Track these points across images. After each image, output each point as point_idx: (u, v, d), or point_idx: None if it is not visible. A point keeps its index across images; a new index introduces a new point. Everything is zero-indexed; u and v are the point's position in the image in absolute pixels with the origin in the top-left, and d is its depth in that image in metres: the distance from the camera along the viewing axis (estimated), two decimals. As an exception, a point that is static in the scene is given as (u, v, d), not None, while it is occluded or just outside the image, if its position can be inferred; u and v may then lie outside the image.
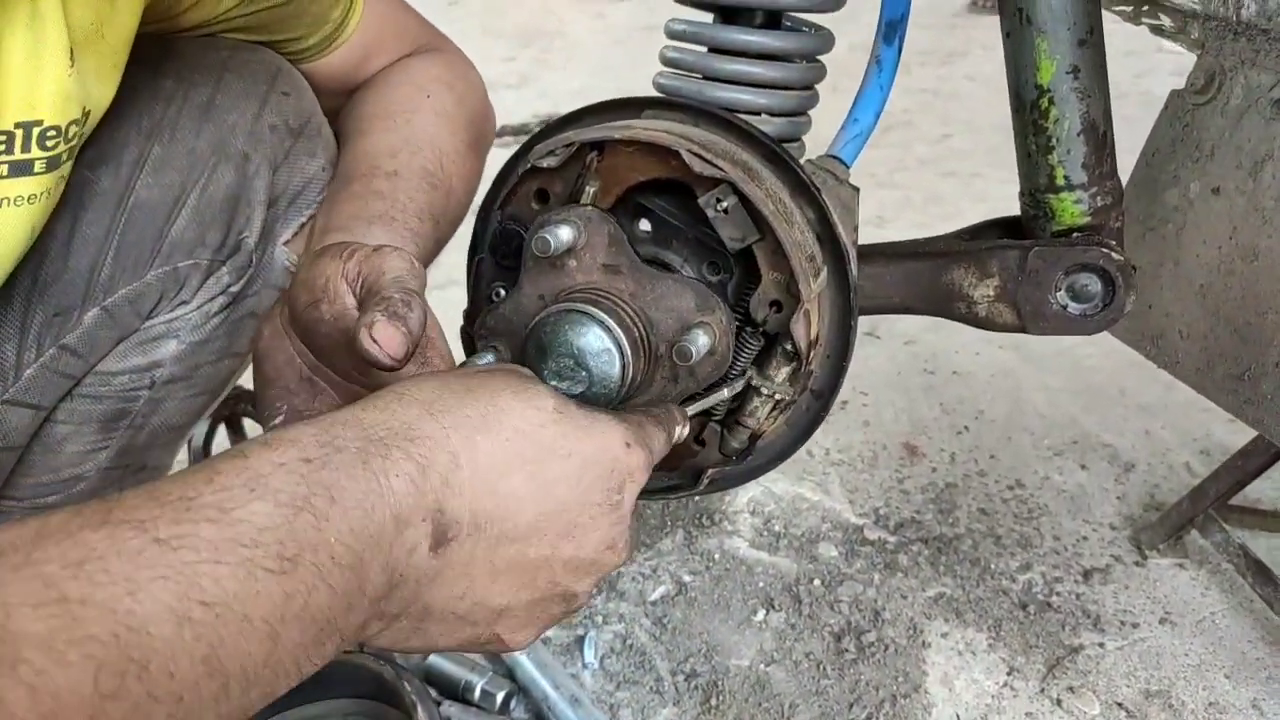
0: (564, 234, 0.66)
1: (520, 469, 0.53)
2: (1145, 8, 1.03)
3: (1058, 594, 1.40)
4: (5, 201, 0.70)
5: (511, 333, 0.72)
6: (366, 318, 0.58)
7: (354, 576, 0.45)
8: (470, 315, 0.77)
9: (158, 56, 0.83)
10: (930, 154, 3.15)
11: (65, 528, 0.40)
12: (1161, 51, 3.67)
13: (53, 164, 0.71)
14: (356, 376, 0.67)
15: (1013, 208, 0.92)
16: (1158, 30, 1.04)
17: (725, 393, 0.73)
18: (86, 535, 0.39)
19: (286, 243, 0.90)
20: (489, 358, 0.72)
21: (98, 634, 0.37)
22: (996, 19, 0.83)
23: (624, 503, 0.57)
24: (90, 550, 0.39)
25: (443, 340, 0.68)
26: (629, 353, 0.67)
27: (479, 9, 5.48)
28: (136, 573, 0.38)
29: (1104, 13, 0.85)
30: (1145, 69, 3.41)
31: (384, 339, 0.57)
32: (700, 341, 0.66)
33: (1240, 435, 1.66)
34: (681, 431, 0.68)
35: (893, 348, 2.04)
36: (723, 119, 0.76)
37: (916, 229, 2.52)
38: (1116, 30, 1.19)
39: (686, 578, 1.44)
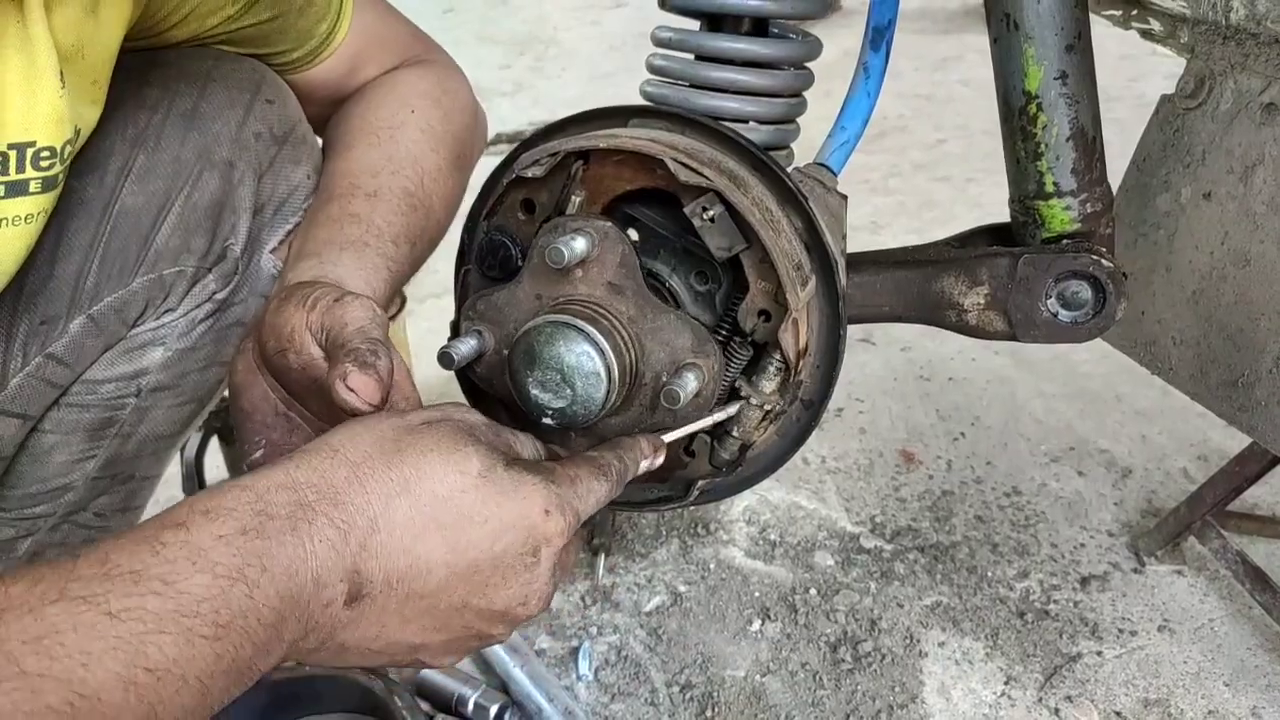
0: (579, 246, 0.66)
1: (435, 533, 0.56)
2: (1135, 12, 1.02)
3: (1055, 602, 1.39)
4: (3, 221, 0.70)
5: (499, 322, 0.72)
6: (339, 370, 0.62)
7: (274, 631, 0.51)
8: (456, 329, 0.77)
9: (143, 65, 0.83)
10: (924, 159, 3.15)
11: (26, 600, 0.44)
12: (1155, 55, 3.67)
13: (49, 184, 0.72)
14: (328, 415, 0.68)
15: (1007, 213, 0.91)
16: (1147, 35, 1.04)
17: (706, 422, 0.73)
18: (46, 610, 0.44)
19: (273, 250, 0.89)
20: (471, 342, 0.72)
21: (54, 704, 0.42)
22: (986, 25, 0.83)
23: (539, 564, 0.60)
24: (49, 625, 0.44)
25: (408, 382, 0.69)
26: (616, 379, 0.66)
27: (474, 17, 5.49)
28: (90, 645, 0.44)
29: (1094, 18, 0.85)
30: (1139, 73, 3.42)
31: (359, 386, 0.61)
32: (689, 386, 0.66)
33: (1237, 440, 1.65)
34: (652, 463, 0.70)
35: (888, 354, 2.03)
36: (709, 127, 0.76)
37: (911, 234, 2.52)
38: (1110, 34, 1.19)
39: (682, 588, 1.43)
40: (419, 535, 0.56)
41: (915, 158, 3.15)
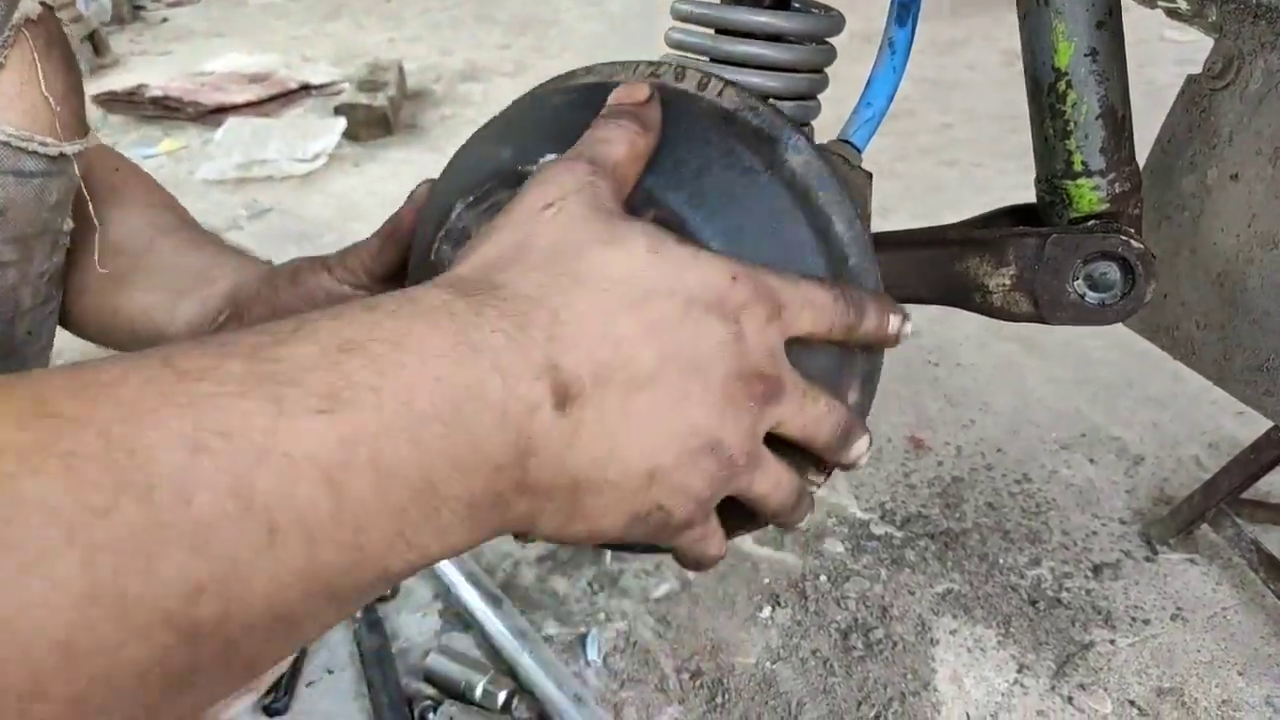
0: None
1: (628, 313, 0.47)
2: (1161, -10, 1.00)
3: (1067, 590, 1.38)
4: None
5: None
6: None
7: (452, 432, 0.39)
8: None
9: None
10: (932, 143, 3.13)
11: (85, 364, 0.35)
12: (1164, 40, 3.65)
13: None
14: None
15: (1015, 197, 0.90)
16: (1173, 14, 1.01)
17: None
18: (104, 365, 0.35)
19: None
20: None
21: (86, 450, 0.32)
22: (995, 9, 0.81)
23: (744, 334, 0.50)
24: (101, 374, 0.35)
25: None
26: None
27: (474, -2, 5.44)
28: (143, 400, 0.34)
29: (1121, -5, 0.83)
30: (1148, 58, 3.39)
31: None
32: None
33: (1249, 428, 1.64)
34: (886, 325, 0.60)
35: (896, 340, 2.01)
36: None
37: (918, 218, 2.50)
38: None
39: (690, 574, 1.42)
40: (611, 317, 0.47)
41: (922, 142, 3.13)
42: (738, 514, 0.57)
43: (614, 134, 0.55)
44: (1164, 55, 3.43)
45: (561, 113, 0.65)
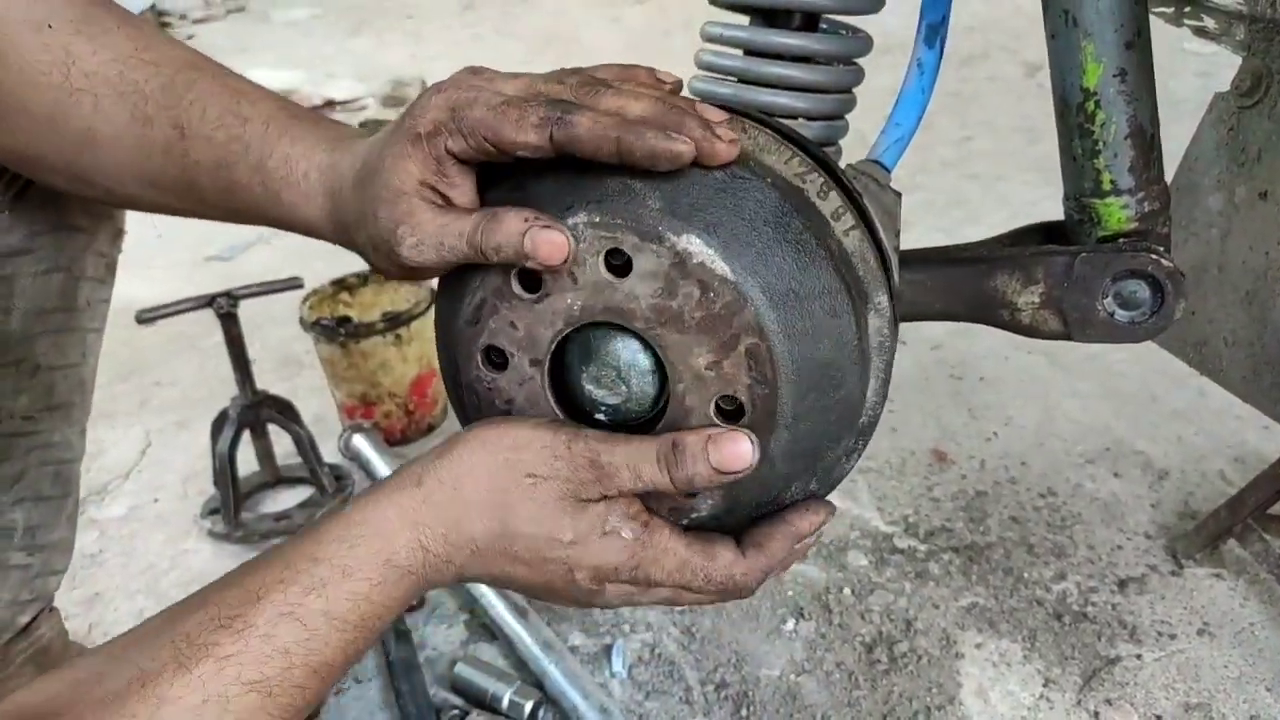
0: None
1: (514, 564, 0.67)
2: (1187, 9, 1.01)
3: (1093, 604, 1.38)
4: None
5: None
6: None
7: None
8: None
9: None
10: (952, 156, 3.13)
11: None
12: (1184, 53, 3.64)
13: None
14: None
15: (1036, 210, 0.91)
16: (1200, 32, 1.02)
17: None
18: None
19: None
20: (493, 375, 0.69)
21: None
22: (1012, 22, 0.82)
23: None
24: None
25: None
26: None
27: (495, 13, 5.49)
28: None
29: (1148, 14, 0.84)
30: (1168, 69, 3.38)
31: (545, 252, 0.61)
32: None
33: (1275, 443, 1.64)
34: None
35: (919, 353, 2.02)
36: (761, 122, 0.75)
37: (939, 232, 2.50)
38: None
39: (714, 586, 1.43)
40: (503, 561, 0.65)
41: (943, 155, 3.13)
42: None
43: (644, 467, 0.63)
44: (1184, 67, 3.42)
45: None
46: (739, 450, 0.62)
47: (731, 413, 0.64)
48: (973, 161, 3.08)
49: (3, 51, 0.71)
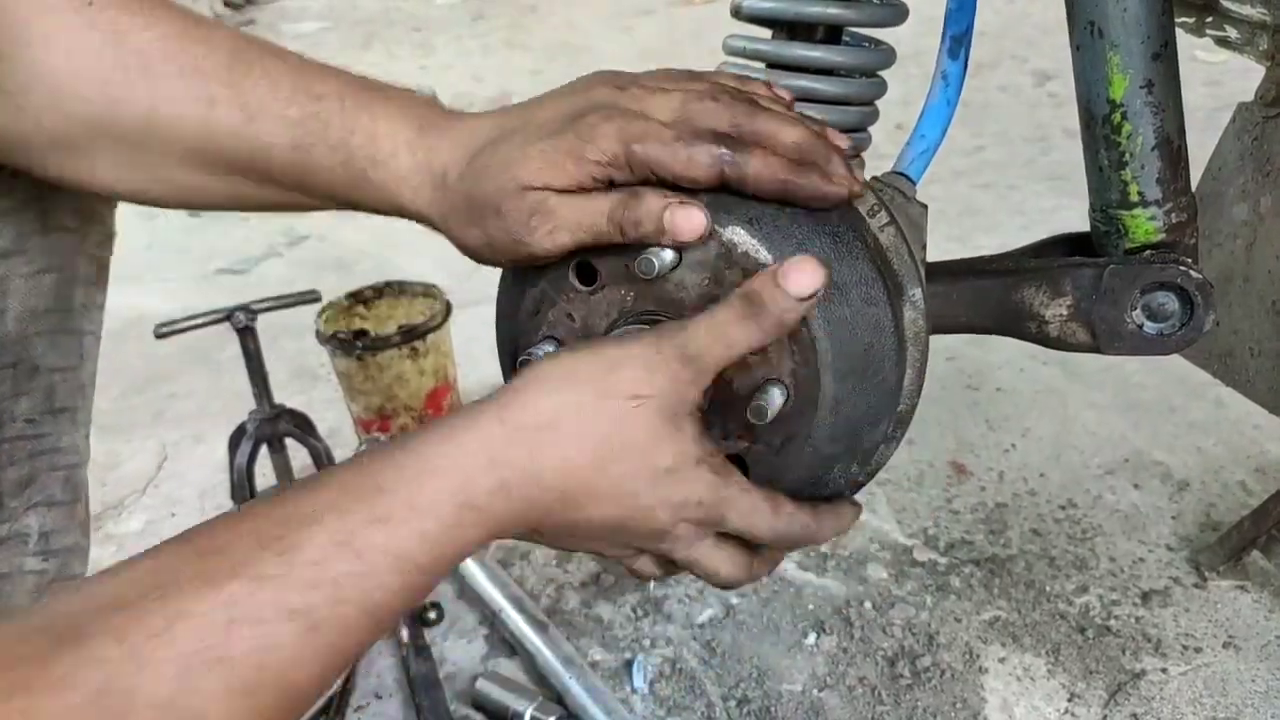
0: (668, 257, 0.64)
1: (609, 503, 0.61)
2: (1210, 19, 1.00)
3: (1116, 617, 1.36)
4: None
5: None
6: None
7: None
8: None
9: None
10: (964, 165, 3.12)
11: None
12: (1195, 61, 3.63)
13: None
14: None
15: (1051, 219, 0.91)
16: (1223, 42, 1.02)
17: None
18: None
19: None
20: (549, 349, 0.68)
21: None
22: (1022, 30, 0.81)
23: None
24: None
25: None
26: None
27: (504, 24, 5.51)
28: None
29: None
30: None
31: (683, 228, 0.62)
32: (775, 401, 0.64)
33: (1298, 453, 1.63)
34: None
35: (934, 363, 2.00)
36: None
37: (953, 242, 2.50)
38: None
39: (734, 600, 1.42)
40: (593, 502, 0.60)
41: (955, 164, 3.12)
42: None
43: (736, 336, 0.60)
44: (1194, 75, 3.42)
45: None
46: (805, 264, 0.59)
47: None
48: (985, 171, 3.08)
49: (47, 34, 0.67)
